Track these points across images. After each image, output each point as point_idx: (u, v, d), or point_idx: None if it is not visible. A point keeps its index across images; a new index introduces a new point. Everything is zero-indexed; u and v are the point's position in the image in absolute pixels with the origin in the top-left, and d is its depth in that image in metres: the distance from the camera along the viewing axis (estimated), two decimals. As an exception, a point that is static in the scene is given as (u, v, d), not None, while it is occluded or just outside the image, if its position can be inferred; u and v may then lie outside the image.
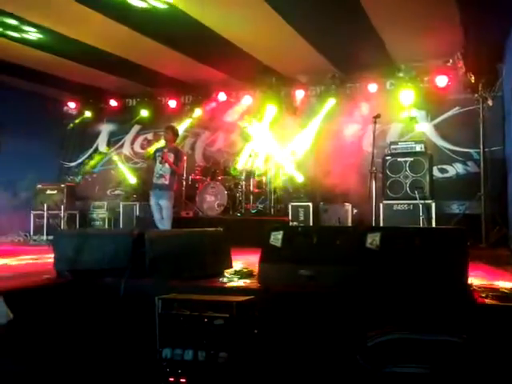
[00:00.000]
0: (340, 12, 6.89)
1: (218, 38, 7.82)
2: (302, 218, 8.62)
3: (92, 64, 9.32)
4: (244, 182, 9.73)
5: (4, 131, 8.58)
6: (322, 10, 6.81)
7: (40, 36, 7.91)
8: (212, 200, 9.62)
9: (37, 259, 6.48)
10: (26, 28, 7.62)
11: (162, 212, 7.75)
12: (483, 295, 3.71)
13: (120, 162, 11.63)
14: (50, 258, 5.03)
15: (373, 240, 4.13)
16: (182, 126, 10.84)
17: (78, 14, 6.91)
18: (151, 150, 10.23)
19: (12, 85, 10.45)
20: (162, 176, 7.75)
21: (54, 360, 4.02)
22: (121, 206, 10.46)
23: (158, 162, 7.79)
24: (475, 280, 3.90)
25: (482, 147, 8.09)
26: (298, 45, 8.07)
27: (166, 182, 7.73)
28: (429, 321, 2.40)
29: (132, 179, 11.15)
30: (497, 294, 3.69)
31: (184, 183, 10.21)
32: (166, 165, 7.71)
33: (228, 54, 8.54)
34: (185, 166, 8.65)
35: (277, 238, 4.45)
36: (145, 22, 7.38)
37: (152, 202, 7.83)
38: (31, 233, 10.04)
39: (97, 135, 12.18)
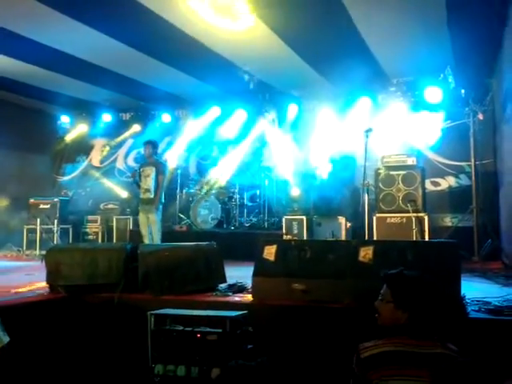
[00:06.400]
0: (333, 28, 6.99)
1: (211, 52, 7.87)
2: (295, 232, 8.60)
3: (86, 78, 9.35)
4: (238, 196, 9.73)
5: None
6: (315, 26, 6.91)
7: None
8: (206, 213, 9.61)
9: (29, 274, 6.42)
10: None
11: (151, 226, 7.75)
12: (476, 308, 3.73)
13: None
14: (42, 273, 5.00)
15: (366, 253, 4.14)
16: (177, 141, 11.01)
17: (72, 29, 6.96)
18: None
19: (5, 99, 10.46)
20: (147, 190, 7.81)
21: (47, 376, 3.99)
22: (114, 219, 10.43)
23: (142, 177, 7.87)
24: (468, 293, 3.91)
25: (473, 160, 8.15)
26: (291, 59, 8.14)
27: (152, 196, 7.78)
28: (422, 334, 2.41)
29: (123, 193, 11.11)
30: (489, 308, 3.71)
31: (178, 196, 10.18)
32: (149, 179, 7.78)
33: (221, 68, 8.60)
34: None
35: (270, 251, 4.45)
36: (138, 37, 7.42)
37: (141, 216, 7.88)
38: (24, 247, 9.96)
39: (90, 149, 12.18)
